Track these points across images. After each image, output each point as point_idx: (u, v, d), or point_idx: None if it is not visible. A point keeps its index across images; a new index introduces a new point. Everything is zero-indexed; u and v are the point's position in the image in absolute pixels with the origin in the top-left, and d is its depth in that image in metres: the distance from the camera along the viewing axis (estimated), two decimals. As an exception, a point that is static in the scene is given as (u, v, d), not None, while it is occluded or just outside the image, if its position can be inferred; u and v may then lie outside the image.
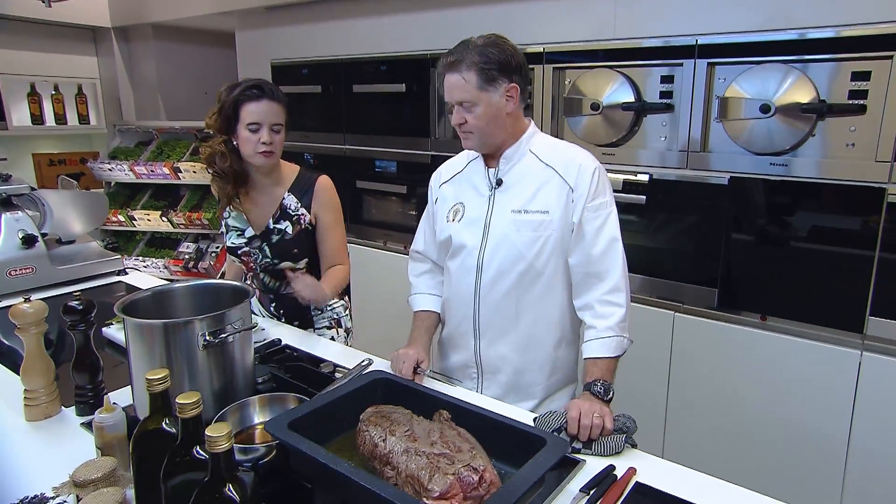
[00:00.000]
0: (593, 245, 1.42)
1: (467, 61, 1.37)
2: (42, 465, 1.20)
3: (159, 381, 0.91)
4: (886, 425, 1.85)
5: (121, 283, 2.44)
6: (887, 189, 1.77)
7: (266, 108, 1.69)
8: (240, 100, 1.67)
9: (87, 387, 1.37)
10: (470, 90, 1.38)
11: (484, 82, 1.37)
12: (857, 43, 1.77)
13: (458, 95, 1.40)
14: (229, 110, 1.68)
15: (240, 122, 1.68)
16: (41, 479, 1.12)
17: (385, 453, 0.97)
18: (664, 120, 2.17)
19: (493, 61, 1.37)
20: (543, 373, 1.53)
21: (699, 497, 1.10)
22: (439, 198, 1.61)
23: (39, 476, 1.13)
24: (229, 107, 1.68)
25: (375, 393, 1.21)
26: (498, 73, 1.37)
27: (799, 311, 1.99)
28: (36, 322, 1.32)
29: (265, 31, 3.48)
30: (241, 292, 1.35)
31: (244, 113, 1.67)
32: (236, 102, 1.67)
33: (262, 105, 1.68)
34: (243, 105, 1.67)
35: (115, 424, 1.11)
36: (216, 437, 0.76)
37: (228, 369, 1.28)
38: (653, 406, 2.30)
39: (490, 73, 1.37)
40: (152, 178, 3.95)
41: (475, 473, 0.90)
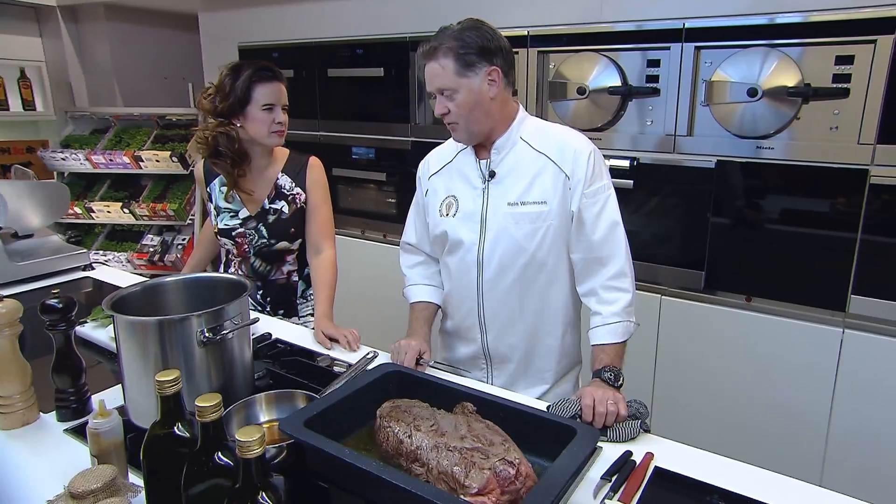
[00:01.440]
0: (594, 231, 1.40)
1: (444, 48, 1.33)
2: (28, 478, 1.10)
3: (171, 384, 0.84)
4: (866, 399, 1.92)
5: (87, 279, 2.30)
6: (870, 171, 1.81)
7: (278, 89, 1.70)
8: (253, 81, 1.66)
9: (69, 390, 1.27)
10: (448, 76, 1.33)
11: (462, 68, 1.32)
12: (841, 27, 1.80)
13: (438, 83, 1.35)
14: (241, 93, 1.66)
15: (252, 103, 1.67)
16: (29, 493, 1.03)
17: (412, 450, 0.93)
18: (651, 104, 2.18)
19: (470, 46, 1.32)
20: (552, 359, 1.52)
21: (719, 479, 1.10)
22: (429, 190, 1.56)
23: (27, 489, 1.04)
24: (241, 88, 1.65)
25: (388, 387, 1.16)
26: (477, 57, 1.33)
27: (783, 292, 2.03)
28: (10, 323, 1.21)
29: (231, 13, 3.32)
30: (239, 286, 1.27)
31: (258, 94, 1.66)
32: (249, 84, 1.66)
33: (275, 86, 1.69)
34: (256, 86, 1.66)
35: (111, 430, 1.03)
36: (248, 441, 0.70)
37: (227, 367, 1.21)
38: (640, 387, 2.32)
39: (468, 58, 1.32)
40: (111, 167, 3.75)
41: (511, 467, 0.87)
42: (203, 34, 3.51)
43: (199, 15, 3.48)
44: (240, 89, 1.65)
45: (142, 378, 1.16)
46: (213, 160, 1.76)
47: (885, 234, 1.82)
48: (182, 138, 3.76)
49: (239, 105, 1.67)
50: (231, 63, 1.71)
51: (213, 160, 1.76)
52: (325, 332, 1.66)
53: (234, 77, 1.67)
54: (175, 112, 3.89)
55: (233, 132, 1.70)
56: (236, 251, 1.85)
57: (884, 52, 1.73)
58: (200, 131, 1.73)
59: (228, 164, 1.73)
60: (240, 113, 1.68)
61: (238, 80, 1.66)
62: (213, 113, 1.70)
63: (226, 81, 1.67)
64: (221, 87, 1.68)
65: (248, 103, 1.67)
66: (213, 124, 1.71)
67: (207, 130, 1.71)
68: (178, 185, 3.81)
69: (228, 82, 1.67)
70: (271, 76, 1.68)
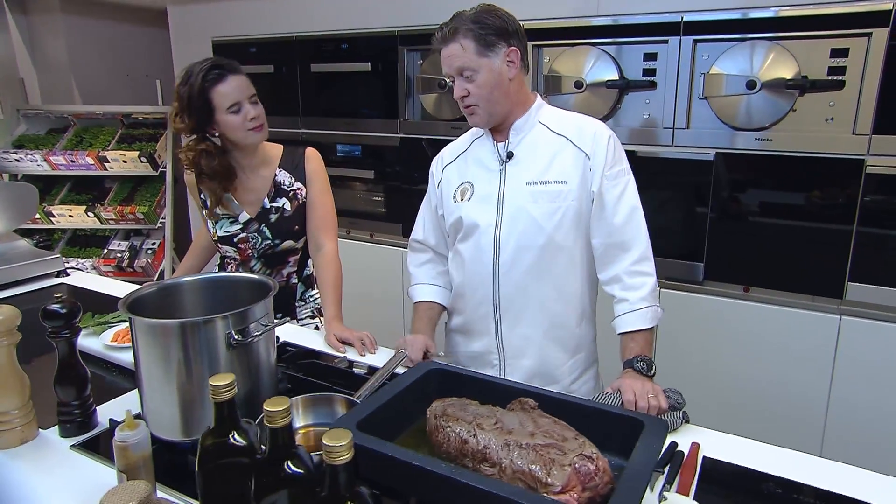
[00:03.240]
0: (615, 214, 1.38)
1: (463, 29, 1.32)
2: (35, 499, 1.00)
3: (226, 388, 0.77)
4: (863, 383, 1.97)
5: (62, 286, 2.14)
6: (866, 160, 1.87)
7: (236, 83, 1.55)
8: (205, 87, 1.51)
9: (73, 403, 1.17)
10: (469, 56, 1.32)
11: (483, 48, 1.32)
12: (836, 20, 1.84)
13: (458, 63, 1.34)
14: (199, 102, 1.51)
15: (216, 109, 1.53)
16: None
17: (479, 449, 0.88)
18: (647, 97, 2.19)
19: (489, 27, 1.32)
20: (567, 351, 1.48)
21: (766, 466, 1.09)
22: (443, 180, 1.53)
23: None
24: (198, 99, 1.51)
25: (430, 385, 1.10)
26: (496, 37, 1.33)
27: (781, 281, 2.07)
28: (8, 331, 1.10)
29: (203, 6, 3.18)
30: (261, 286, 1.19)
31: (217, 98, 1.52)
32: (203, 92, 1.51)
33: (231, 81, 1.53)
34: (212, 90, 1.51)
35: (139, 442, 0.94)
36: (337, 446, 0.64)
37: (254, 372, 1.13)
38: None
39: (488, 39, 1.32)
40: (72, 168, 3.54)
41: (591, 462, 0.83)
42: (173, 29, 3.35)
43: (168, 8, 3.32)
44: (197, 100, 1.51)
45: (163, 385, 1.06)
46: (198, 179, 1.64)
47: (881, 222, 1.88)
48: (150, 137, 3.59)
49: (205, 116, 1.53)
50: (182, 71, 1.56)
51: (198, 179, 1.64)
52: (337, 336, 1.58)
53: (187, 89, 1.51)
54: (142, 111, 3.71)
55: (210, 147, 1.58)
56: (239, 257, 1.74)
57: (879, 45, 1.79)
58: (183, 152, 1.61)
59: (211, 182, 1.62)
60: (209, 123, 1.55)
61: (192, 90, 1.50)
62: (187, 131, 1.57)
63: (182, 94, 1.52)
64: (181, 102, 1.53)
65: (212, 111, 1.53)
66: (194, 141, 1.58)
67: (189, 151, 1.59)
68: (147, 187, 3.63)
69: (185, 94, 1.52)
70: (223, 73, 1.52)
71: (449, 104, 2.58)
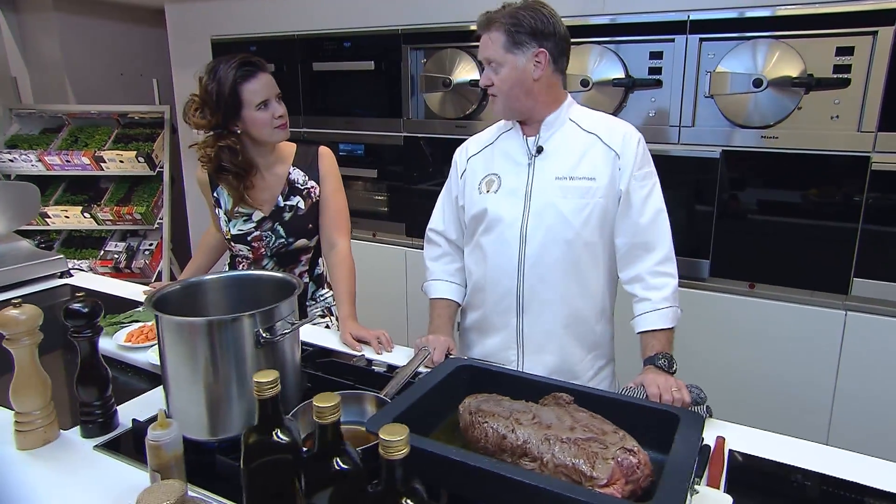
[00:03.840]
0: (641, 214, 1.39)
1: (497, 22, 1.36)
2: (66, 500, 0.98)
3: (270, 385, 0.76)
4: (868, 377, 2.00)
5: (66, 287, 2.11)
6: (871, 157, 1.89)
7: (265, 80, 1.57)
8: (236, 83, 1.51)
9: (95, 403, 1.15)
10: (496, 50, 1.36)
11: (510, 44, 1.34)
12: (842, 19, 1.87)
13: (485, 54, 1.38)
14: (228, 98, 1.51)
15: (245, 105, 1.53)
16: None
17: (518, 444, 0.88)
18: (653, 95, 2.20)
19: (523, 25, 1.34)
20: (586, 347, 1.49)
21: (793, 459, 1.11)
22: (467, 170, 1.53)
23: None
24: (227, 94, 1.51)
25: (459, 382, 1.10)
26: (527, 37, 1.34)
27: (786, 277, 2.09)
28: (29, 331, 1.08)
29: (203, 5, 3.15)
30: (285, 284, 1.18)
31: (247, 94, 1.53)
32: (234, 87, 1.51)
33: (262, 79, 1.56)
34: (243, 86, 1.52)
35: (172, 441, 0.93)
36: (395, 441, 0.63)
37: (280, 370, 1.09)
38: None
39: (518, 37, 1.34)
40: (68, 168, 3.49)
41: (633, 455, 0.83)
42: (171, 27, 3.31)
43: (165, 7, 3.28)
44: (227, 95, 1.51)
45: (190, 384, 1.05)
46: (217, 176, 1.62)
47: (887, 218, 1.90)
48: (147, 137, 3.55)
49: (232, 111, 1.53)
50: (207, 66, 1.55)
51: (217, 176, 1.62)
52: (354, 334, 1.58)
53: (216, 83, 1.51)
54: (138, 110, 3.67)
55: (235, 144, 1.57)
56: (252, 255, 1.73)
57: (884, 43, 1.81)
58: (201, 148, 1.59)
59: (233, 179, 1.61)
60: (235, 119, 1.55)
61: (222, 86, 1.50)
62: (208, 127, 1.55)
63: (210, 89, 1.52)
64: (206, 97, 1.53)
65: (240, 107, 1.53)
66: (212, 138, 1.57)
67: (208, 146, 1.57)
68: (144, 187, 3.59)
69: (213, 90, 1.51)
70: (255, 70, 1.54)
71: (453, 103, 2.58)
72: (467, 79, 2.51)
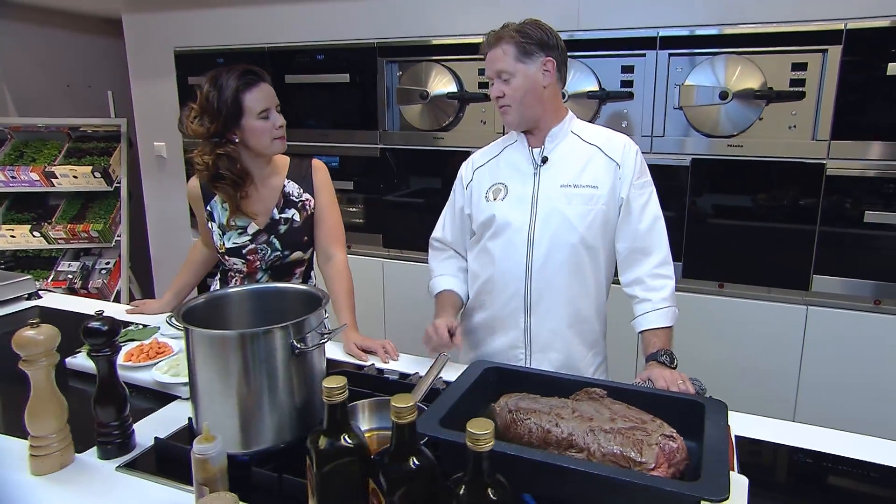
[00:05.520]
0: (640, 221, 1.48)
1: (507, 36, 1.45)
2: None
3: (339, 390, 0.77)
4: (829, 364, 2.16)
5: (35, 309, 2.01)
6: (826, 164, 2.06)
7: (267, 91, 1.57)
8: (238, 91, 1.51)
9: (113, 423, 1.11)
10: (508, 61, 1.44)
11: (521, 55, 1.43)
12: (796, 38, 2.03)
13: (497, 66, 1.45)
14: (230, 106, 1.50)
15: (246, 114, 1.53)
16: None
17: (564, 437, 0.92)
18: (625, 107, 2.32)
19: (531, 37, 1.44)
20: (587, 345, 1.56)
21: (793, 440, 1.20)
22: (474, 181, 1.60)
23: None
24: (229, 102, 1.50)
25: (487, 384, 1.13)
26: (536, 48, 1.44)
27: (752, 276, 2.24)
28: (47, 352, 1.04)
29: (165, 15, 3.08)
30: (310, 296, 1.18)
31: (249, 103, 1.53)
32: (236, 96, 1.51)
33: (263, 89, 1.56)
34: (245, 95, 1.52)
35: (218, 455, 0.92)
36: (482, 434, 0.66)
37: (309, 381, 1.11)
38: (624, 371, 2.43)
39: (528, 48, 1.43)
40: (13, 185, 3.30)
41: (673, 441, 0.89)
42: (129, 38, 3.20)
43: (123, 17, 3.18)
44: (229, 103, 1.50)
45: (223, 398, 1.04)
46: (213, 184, 1.60)
47: (842, 219, 2.07)
48: (102, 151, 3.41)
49: (233, 120, 1.53)
50: (209, 76, 1.55)
51: (213, 184, 1.60)
52: (358, 344, 1.58)
53: (217, 91, 1.51)
54: (92, 123, 3.52)
55: (233, 152, 1.56)
56: (246, 269, 1.71)
57: (834, 60, 1.99)
58: (198, 156, 1.57)
59: (230, 188, 1.59)
60: (235, 128, 1.54)
61: (224, 93, 1.50)
62: (206, 136, 1.54)
63: (211, 98, 1.51)
64: (207, 105, 1.52)
65: (241, 116, 1.53)
66: (210, 146, 1.55)
67: (206, 154, 1.56)
68: (99, 204, 3.44)
69: (214, 98, 1.51)
70: (257, 79, 1.55)
71: (430, 115, 2.62)
72: (444, 91, 2.56)
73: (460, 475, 0.69)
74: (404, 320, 2.79)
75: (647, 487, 0.77)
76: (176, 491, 1.03)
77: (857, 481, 1.09)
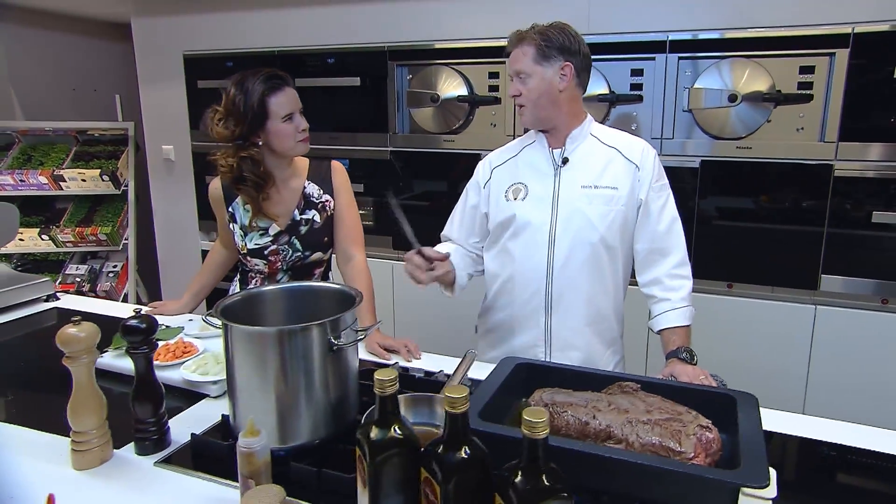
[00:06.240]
0: (658, 222, 1.51)
1: (529, 38, 1.48)
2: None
3: (391, 382, 0.79)
4: (837, 363, 2.19)
5: (53, 311, 2.01)
6: (834, 165, 2.10)
7: (292, 95, 1.62)
8: (265, 95, 1.55)
9: (150, 420, 1.13)
10: (526, 62, 1.47)
11: (540, 57, 1.46)
12: (804, 41, 2.07)
13: (516, 66, 1.49)
14: (255, 109, 1.54)
15: (271, 117, 1.57)
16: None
17: (602, 429, 0.94)
18: (634, 110, 2.35)
19: (552, 41, 1.46)
20: (605, 343, 1.59)
21: (815, 434, 1.22)
22: (492, 180, 1.62)
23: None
24: (255, 105, 1.54)
25: (518, 380, 1.15)
26: (556, 52, 1.46)
27: (761, 276, 2.27)
28: (88, 349, 1.06)
29: (174, 19, 3.09)
30: (344, 295, 1.20)
31: (274, 106, 1.57)
32: (262, 99, 1.55)
33: (288, 93, 1.60)
34: (270, 98, 1.56)
35: (263, 448, 0.93)
36: (539, 422, 0.68)
37: (344, 378, 1.13)
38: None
39: (548, 51, 1.45)
40: (22, 189, 3.30)
41: (710, 431, 0.91)
42: (138, 42, 3.22)
43: (132, 21, 3.19)
44: (255, 106, 1.54)
45: (261, 394, 1.05)
46: (236, 186, 1.64)
47: (849, 219, 2.11)
48: (110, 155, 3.42)
49: (258, 122, 1.56)
50: (234, 79, 1.58)
51: (236, 186, 1.64)
52: (380, 343, 1.60)
53: (244, 94, 1.55)
54: (100, 126, 3.52)
55: (257, 155, 1.60)
56: (267, 269, 1.73)
57: (841, 63, 2.03)
58: (222, 158, 1.61)
59: (252, 189, 1.62)
60: (260, 131, 1.58)
61: (250, 97, 1.54)
62: (230, 138, 1.58)
63: (237, 101, 1.55)
64: (233, 108, 1.56)
65: (266, 119, 1.57)
66: (234, 148, 1.59)
67: (229, 157, 1.60)
68: (107, 207, 3.45)
69: (240, 101, 1.55)
70: (282, 83, 1.59)
71: (441, 118, 2.64)
72: (454, 94, 2.59)
73: (515, 462, 0.71)
74: (414, 322, 2.81)
75: (692, 476, 0.79)
76: (214, 485, 1.05)
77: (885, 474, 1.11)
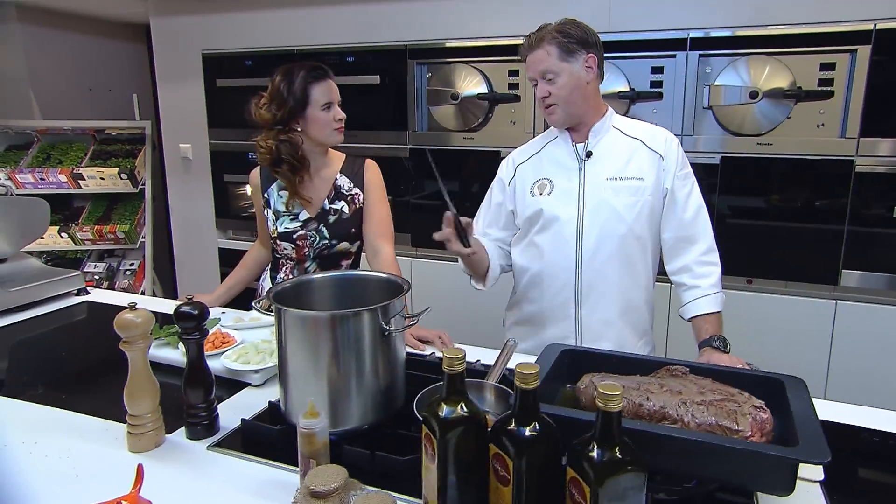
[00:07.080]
0: (685, 210, 1.53)
1: (548, 37, 1.48)
2: (207, 495, 0.98)
3: (459, 361, 0.81)
4: (857, 357, 2.21)
5: (83, 305, 2.03)
6: (855, 161, 2.12)
7: (332, 87, 1.71)
8: (309, 82, 1.66)
9: (200, 405, 1.14)
10: (552, 61, 1.47)
11: (565, 53, 1.47)
12: (825, 38, 2.10)
13: (542, 67, 1.48)
14: (299, 96, 1.65)
15: (311, 104, 1.67)
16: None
17: (656, 410, 0.96)
18: (654, 107, 2.37)
19: (572, 36, 1.48)
20: (637, 334, 1.61)
21: (855, 421, 1.24)
22: (516, 177, 1.64)
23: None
24: (300, 92, 1.65)
25: (563, 366, 1.17)
26: (577, 45, 1.48)
27: (781, 272, 2.29)
28: (143, 334, 1.08)
29: (193, 18, 3.12)
30: (391, 284, 1.23)
31: (316, 94, 1.67)
32: (305, 86, 1.65)
33: (330, 83, 1.71)
34: (313, 87, 1.67)
35: (322, 430, 0.95)
36: (614, 395, 0.70)
37: (393, 364, 1.15)
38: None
39: (570, 46, 1.47)
40: (41, 187, 3.33)
41: (763, 412, 0.93)
42: (157, 42, 3.24)
43: (151, 21, 3.22)
44: (297, 93, 1.65)
45: (314, 378, 1.07)
46: (274, 169, 1.73)
47: (870, 215, 2.13)
48: (128, 153, 3.44)
49: (299, 108, 1.66)
50: (281, 69, 1.69)
51: (274, 169, 1.73)
52: (415, 335, 1.62)
53: (288, 82, 1.66)
54: (118, 125, 3.55)
55: (296, 139, 1.70)
56: (296, 255, 1.78)
57: (863, 60, 2.05)
58: (262, 140, 1.70)
59: (289, 172, 1.71)
60: (300, 116, 1.68)
61: (293, 84, 1.65)
62: (273, 122, 1.68)
63: (281, 87, 1.66)
64: (277, 93, 1.66)
65: (307, 105, 1.67)
66: (274, 132, 1.69)
67: (270, 140, 1.69)
68: (125, 205, 3.47)
69: (284, 88, 1.66)
70: (324, 74, 1.70)
71: (460, 116, 2.67)
72: (474, 92, 2.61)
73: (588, 436, 0.73)
74: (433, 319, 2.81)
75: (755, 453, 0.81)
76: (265, 468, 1.06)
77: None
